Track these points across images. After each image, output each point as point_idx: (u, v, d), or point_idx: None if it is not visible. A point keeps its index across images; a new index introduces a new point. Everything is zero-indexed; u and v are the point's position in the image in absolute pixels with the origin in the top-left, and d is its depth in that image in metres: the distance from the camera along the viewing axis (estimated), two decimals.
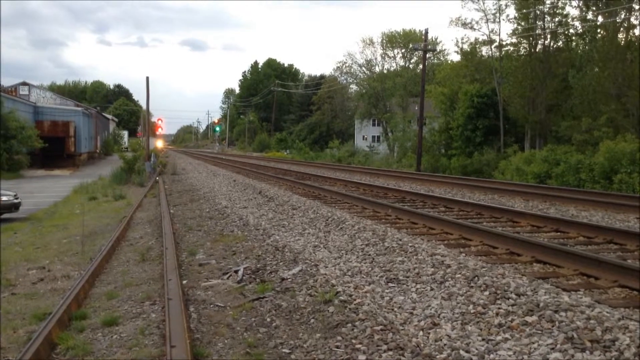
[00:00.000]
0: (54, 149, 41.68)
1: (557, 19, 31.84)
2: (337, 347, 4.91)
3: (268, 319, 5.83)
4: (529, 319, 4.83)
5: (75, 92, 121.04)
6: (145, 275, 8.24)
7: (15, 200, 17.41)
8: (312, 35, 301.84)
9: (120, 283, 7.88)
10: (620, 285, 6.08)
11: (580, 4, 30.42)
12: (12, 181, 28.69)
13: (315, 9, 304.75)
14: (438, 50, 57.71)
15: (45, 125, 44.09)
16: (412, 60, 61.08)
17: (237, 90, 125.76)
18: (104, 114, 76.77)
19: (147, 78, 36.53)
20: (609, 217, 11.41)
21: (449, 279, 6.18)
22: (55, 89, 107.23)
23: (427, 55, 39.02)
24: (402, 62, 62.13)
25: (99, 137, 60.90)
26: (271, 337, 5.34)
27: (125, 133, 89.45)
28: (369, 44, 62.30)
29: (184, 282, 7.49)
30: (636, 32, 26.94)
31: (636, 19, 26.85)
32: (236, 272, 7.83)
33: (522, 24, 32.87)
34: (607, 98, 26.07)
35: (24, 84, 57.05)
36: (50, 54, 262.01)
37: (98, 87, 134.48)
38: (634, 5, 26.31)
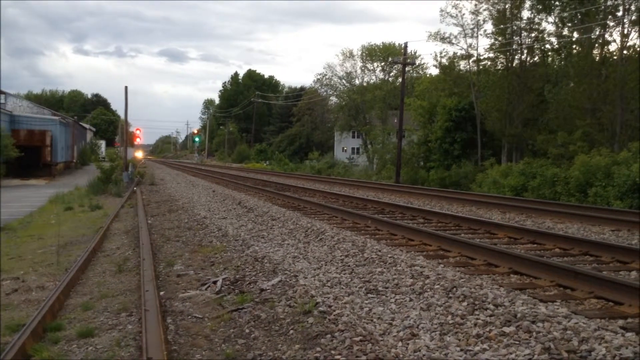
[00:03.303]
0: (30, 159, 40.99)
1: (533, 35, 32.40)
2: (317, 358, 4.89)
3: (247, 330, 5.78)
4: (506, 329, 4.87)
5: (53, 101, 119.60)
6: (121, 287, 8.12)
7: None
8: (293, 48, 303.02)
9: (96, 294, 7.76)
10: (596, 296, 6.16)
11: (556, 20, 31.02)
12: None
13: (297, 22, 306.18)
14: (417, 63, 58.25)
15: (22, 134, 43.38)
16: (392, 74, 61.59)
17: (217, 101, 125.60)
18: (81, 123, 75.93)
19: (126, 88, 36.35)
20: (585, 229, 11.57)
21: (428, 290, 6.21)
22: (32, 97, 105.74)
23: (407, 69, 39.36)
24: (381, 75, 62.62)
25: (76, 146, 60.14)
26: (250, 349, 5.30)
27: (103, 143, 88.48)
28: (349, 57, 62.82)
29: (162, 293, 7.40)
30: (611, 48, 27.52)
31: (610, 35, 27.44)
32: (215, 283, 7.77)
33: (500, 39, 33.36)
34: (582, 113, 26.53)
35: (0, 92, 56.22)
36: (27, 63, 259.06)
37: (75, 97, 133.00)
38: (608, 22, 26.90)
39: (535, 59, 32.82)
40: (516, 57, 32.89)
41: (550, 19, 31.62)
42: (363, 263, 7.78)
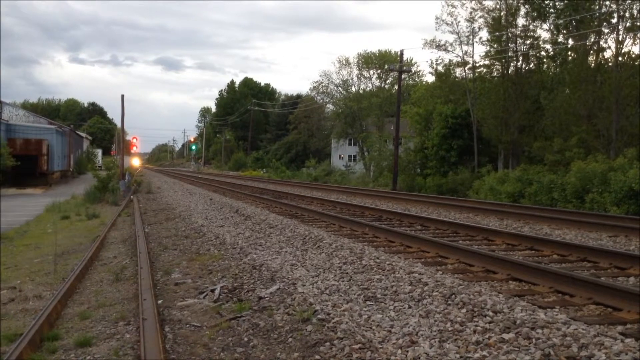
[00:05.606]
0: (26, 168, 40.87)
1: (528, 42, 32.55)
2: None
3: (245, 339, 5.76)
4: (506, 336, 4.86)
5: (49, 110, 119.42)
6: (119, 295, 8.09)
7: None
8: (289, 56, 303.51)
9: (93, 303, 7.73)
10: (595, 302, 6.16)
11: (552, 28, 31.17)
12: None
13: (292, 30, 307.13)
14: (413, 71, 58.45)
15: (18, 143, 43.27)
16: (388, 81, 61.76)
17: (214, 109, 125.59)
18: (77, 132, 75.81)
19: (122, 96, 36.38)
20: (582, 235, 11.59)
21: (427, 297, 6.20)
22: (28, 106, 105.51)
23: (403, 76, 39.48)
24: (377, 83, 62.82)
25: (72, 155, 60.02)
26: (249, 357, 5.27)
27: (99, 151, 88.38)
28: (345, 64, 63.04)
29: (159, 301, 7.37)
30: (606, 54, 27.64)
31: (605, 42, 27.59)
32: (213, 291, 7.74)
33: (495, 46, 33.50)
34: (578, 119, 26.62)
35: None
36: (23, 72, 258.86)
37: (72, 105, 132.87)
38: (603, 29, 27.05)
39: (531, 65, 32.95)
40: (512, 64, 33.01)
41: (546, 26, 31.81)
42: (361, 270, 7.76)
